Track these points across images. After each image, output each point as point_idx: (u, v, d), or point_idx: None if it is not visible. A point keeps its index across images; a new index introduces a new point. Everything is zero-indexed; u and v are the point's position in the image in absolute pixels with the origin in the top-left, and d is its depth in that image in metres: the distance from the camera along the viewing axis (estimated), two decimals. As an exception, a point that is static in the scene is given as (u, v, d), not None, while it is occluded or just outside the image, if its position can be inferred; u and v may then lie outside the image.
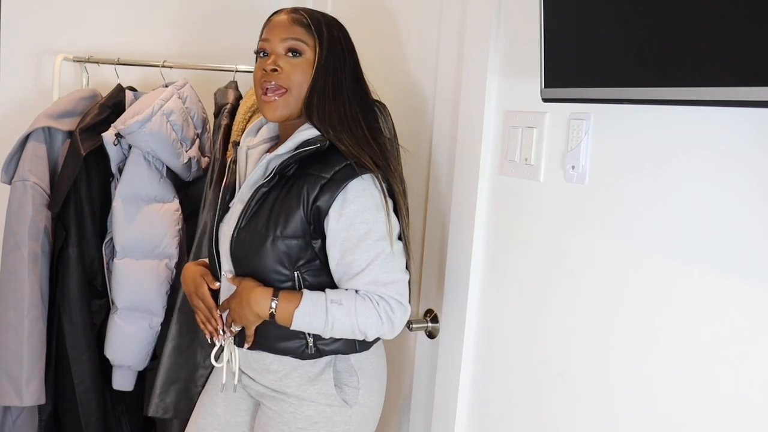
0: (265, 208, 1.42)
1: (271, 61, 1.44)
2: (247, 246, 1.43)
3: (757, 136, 0.97)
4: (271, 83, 1.43)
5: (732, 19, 0.84)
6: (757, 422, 0.97)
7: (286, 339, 1.44)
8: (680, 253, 1.08)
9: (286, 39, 1.44)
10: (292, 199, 1.40)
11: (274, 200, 1.42)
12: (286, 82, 1.43)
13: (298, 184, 1.40)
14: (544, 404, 1.35)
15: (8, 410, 2.06)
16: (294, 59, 1.44)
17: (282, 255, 1.40)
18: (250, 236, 1.42)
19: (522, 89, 1.40)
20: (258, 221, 1.42)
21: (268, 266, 1.41)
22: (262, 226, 1.41)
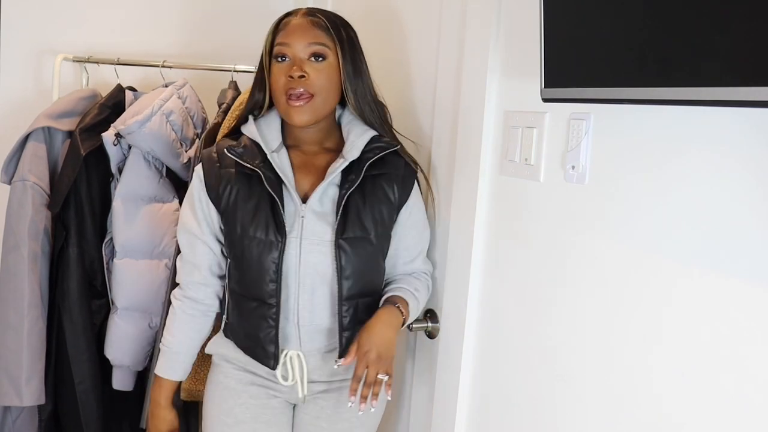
0: (352, 212, 1.47)
1: (297, 66, 1.43)
2: (353, 252, 1.46)
3: (757, 136, 0.97)
4: (299, 90, 1.43)
5: (732, 19, 0.84)
6: (758, 422, 0.97)
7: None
8: (680, 253, 1.08)
9: (310, 44, 1.45)
10: (381, 197, 1.51)
11: (359, 202, 1.48)
12: (312, 88, 1.44)
13: (379, 182, 1.51)
14: (544, 404, 1.35)
15: (8, 410, 2.06)
16: (318, 64, 1.45)
17: (379, 250, 1.52)
18: (355, 242, 1.47)
19: (522, 89, 1.40)
20: (353, 226, 1.47)
21: (372, 264, 1.52)
22: (359, 229, 1.47)
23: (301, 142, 1.53)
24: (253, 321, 1.50)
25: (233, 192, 1.48)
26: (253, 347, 1.52)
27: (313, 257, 1.47)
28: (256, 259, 1.45)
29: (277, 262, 1.45)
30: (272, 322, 1.48)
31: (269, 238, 1.45)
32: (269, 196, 1.46)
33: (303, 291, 1.48)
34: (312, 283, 1.48)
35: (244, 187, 1.48)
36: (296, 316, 1.49)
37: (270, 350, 1.50)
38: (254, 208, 1.47)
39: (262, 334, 1.49)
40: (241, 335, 1.54)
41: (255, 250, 1.45)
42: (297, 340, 1.52)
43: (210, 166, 1.52)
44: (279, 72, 1.45)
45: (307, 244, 1.46)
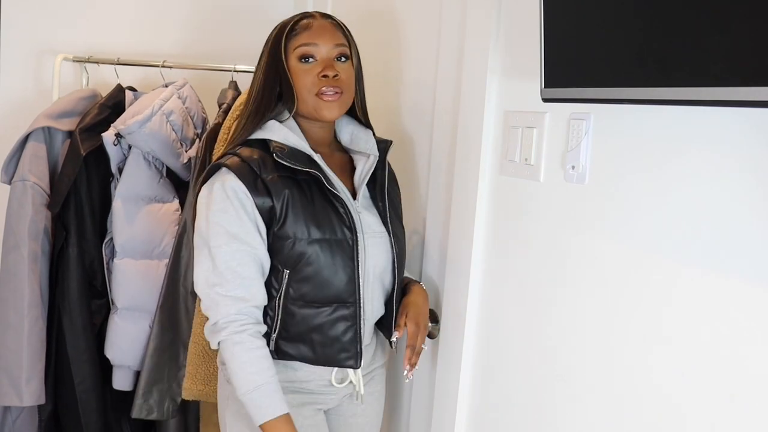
0: (389, 202, 1.56)
1: (329, 66, 1.46)
2: (400, 242, 1.57)
3: (757, 136, 0.97)
4: (333, 89, 1.46)
5: (732, 19, 0.84)
6: (758, 422, 0.97)
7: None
8: (680, 253, 1.08)
9: (337, 45, 1.49)
10: (396, 190, 1.64)
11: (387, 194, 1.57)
12: (343, 86, 1.48)
13: (388, 177, 1.58)
14: (544, 404, 1.35)
15: (8, 410, 2.06)
16: (343, 64, 1.49)
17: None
18: (399, 232, 1.58)
19: (522, 89, 1.40)
20: (392, 216, 1.56)
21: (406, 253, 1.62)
22: (397, 220, 1.59)
23: (319, 144, 1.54)
24: (328, 326, 1.46)
25: (288, 198, 1.42)
26: (331, 354, 1.47)
27: (374, 249, 1.51)
28: (331, 260, 1.44)
29: (353, 257, 1.46)
30: (353, 321, 1.48)
31: (339, 237, 1.45)
32: (327, 197, 1.45)
33: (367, 285, 1.50)
34: (374, 275, 1.52)
35: (299, 192, 1.43)
36: (363, 311, 1.50)
37: (352, 350, 1.49)
38: (317, 211, 1.44)
39: (343, 336, 1.47)
40: (310, 345, 1.47)
41: (327, 251, 1.44)
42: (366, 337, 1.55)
43: (251, 178, 1.41)
44: (306, 72, 1.46)
45: (368, 237, 1.50)
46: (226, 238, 1.39)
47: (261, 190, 1.40)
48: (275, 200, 1.41)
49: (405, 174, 1.73)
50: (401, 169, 1.72)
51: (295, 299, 1.45)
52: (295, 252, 1.42)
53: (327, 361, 1.49)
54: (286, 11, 2.35)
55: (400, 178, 1.68)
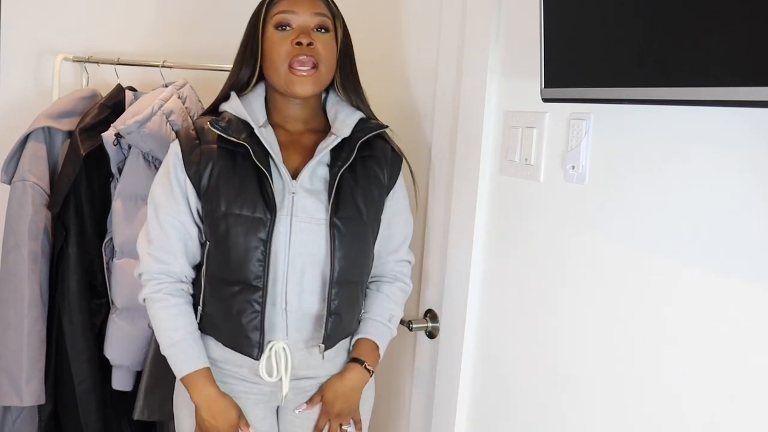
0: (345, 192, 1.43)
1: (305, 34, 1.39)
2: (348, 232, 1.41)
3: (757, 136, 0.97)
4: (305, 57, 1.38)
5: (732, 19, 0.84)
6: (758, 423, 0.97)
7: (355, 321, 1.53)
8: (680, 253, 1.08)
9: (317, 13, 1.42)
10: (373, 179, 1.47)
11: (351, 182, 1.44)
12: (318, 57, 1.40)
13: (369, 163, 1.48)
14: (544, 404, 1.35)
15: (8, 410, 2.06)
16: (323, 35, 1.42)
17: (371, 235, 1.49)
18: (349, 222, 1.42)
19: (522, 89, 1.40)
20: (347, 205, 1.42)
21: (364, 248, 1.47)
22: (353, 210, 1.43)
23: (288, 120, 1.48)
24: (235, 307, 1.40)
25: (216, 168, 1.40)
26: (234, 337, 1.42)
27: (305, 236, 1.40)
28: (242, 238, 1.37)
29: (266, 240, 1.37)
30: (257, 307, 1.39)
31: (257, 215, 1.37)
32: (256, 171, 1.39)
33: (292, 272, 1.41)
34: (302, 264, 1.41)
35: (228, 164, 1.40)
36: (284, 300, 1.42)
37: (254, 338, 1.40)
38: (240, 185, 1.39)
39: (245, 320, 1.39)
40: (221, 326, 1.44)
41: (241, 228, 1.37)
42: (284, 329, 1.44)
43: (188, 143, 1.43)
44: (281, 40, 1.39)
45: (298, 221, 1.40)
46: (160, 202, 1.45)
47: (195, 159, 1.42)
48: (204, 169, 1.41)
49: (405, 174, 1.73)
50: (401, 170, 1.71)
51: (211, 273, 1.44)
52: (213, 224, 1.40)
53: (234, 346, 1.43)
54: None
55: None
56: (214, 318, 1.46)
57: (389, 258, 1.57)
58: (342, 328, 1.48)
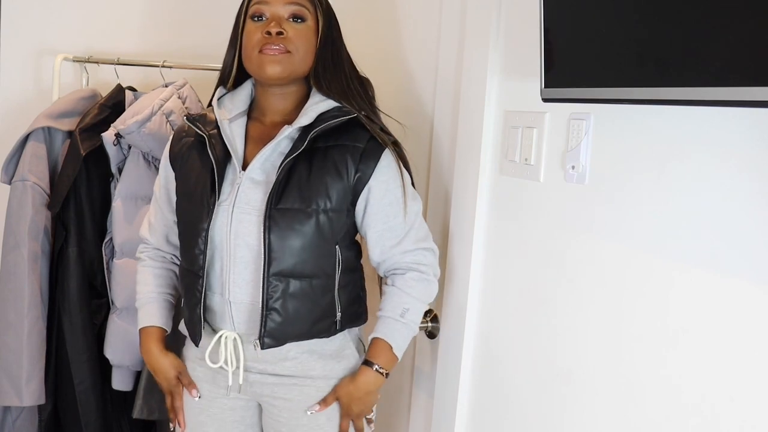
0: (293, 183, 1.38)
1: (275, 23, 1.39)
2: (287, 225, 1.36)
3: (757, 136, 0.97)
4: (276, 46, 1.38)
5: (732, 19, 0.84)
6: (758, 423, 0.97)
7: (319, 321, 1.43)
8: (680, 253, 1.08)
9: (290, 3, 1.41)
10: (329, 170, 1.39)
11: (304, 173, 1.38)
12: (290, 46, 1.40)
13: (331, 154, 1.40)
14: (544, 404, 1.35)
15: (8, 410, 2.06)
16: (297, 24, 1.42)
17: (325, 230, 1.39)
18: (290, 214, 1.36)
19: (522, 89, 1.40)
20: (291, 197, 1.37)
21: (312, 243, 1.38)
22: (299, 201, 1.37)
23: (266, 112, 1.48)
24: (186, 293, 1.47)
25: (186, 158, 1.49)
26: (187, 322, 1.49)
27: (243, 227, 1.39)
28: (190, 225, 1.43)
29: (206, 228, 1.38)
30: (198, 294, 1.41)
31: (202, 204, 1.40)
32: (211, 162, 1.42)
33: (233, 263, 1.40)
34: (243, 255, 1.39)
35: (196, 154, 1.46)
36: (227, 290, 1.41)
37: (197, 324, 1.43)
38: (197, 174, 1.43)
39: (190, 305, 1.45)
40: (183, 311, 1.51)
41: (189, 215, 1.43)
42: (230, 320, 1.43)
43: (178, 135, 1.55)
44: (254, 29, 1.41)
45: (239, 212, 1.39)
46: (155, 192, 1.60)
47: (177, 150, 1.52)
48: (178, 156, 1.51)
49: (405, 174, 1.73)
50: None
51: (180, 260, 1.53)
52: (178, 210, 1.51)
53: (188, 330, 1.50)
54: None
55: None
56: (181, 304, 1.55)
57: (394, 251, 1.46)
58: (293, 327, 1.41)
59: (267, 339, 1.40)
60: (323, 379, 1.46)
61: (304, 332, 1.43)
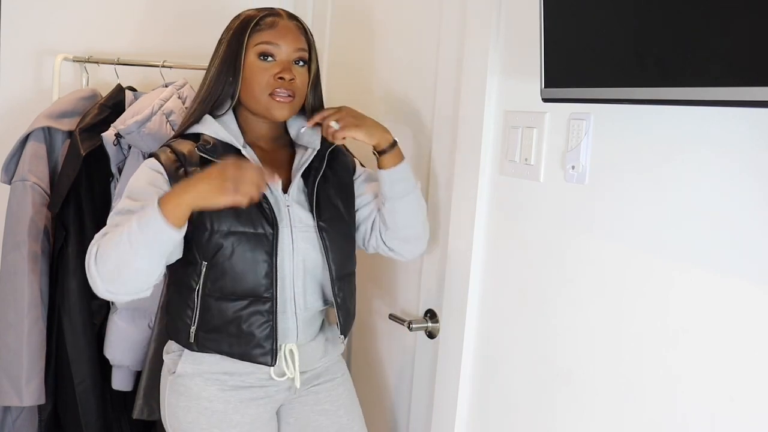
0: (322, 195, 1.54)
1: (287, 70, 1.47)
2: (334, 232, 1.52)
3: (757, 136, 0.97)
4: (287, 91, 1.47)
5: (732, 19, 0.84)
6: (758, 423, 0.97)
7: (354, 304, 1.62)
8: (680, 253, 1.08)
9: (299, 49, 1.50)
10: (339, 178, 1.59)
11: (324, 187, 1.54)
12: (297, 90, 1.49)
13: (334, 167, 1.58)
14: (543, 404, 1.35)
15: (8, 410, 2.06)
16: (300, 68, 1.51)
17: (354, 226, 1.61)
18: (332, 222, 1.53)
19: (522, 89, 1.40)
20: (327, 206, 1.54)
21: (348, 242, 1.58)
22: (333, 210, 1.54)
23: (261, 139, 1.56)
24: (244, 320, 1.45)
25: None
26: (245, 349, 1.46)
27: (303, 244, 1.50)
28: (249, 253, 1.43)
29: (271, 252, 1.45)
30: (269, 317, 1.46)
31: (259, 231, 1.44)
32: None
33: (297, 278, 1.50)
34: (304, 269, 1.51)
35: None
36: (293, 305, 1.51)
37: (267, 347, 1.47)
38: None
39: (258, 330, 1.46)
40: (228, 340, 1.47)
41: (245, 245, 1.43)
42: (295, 332, 1.52)
43: (171, 165, 1.44)
44: (264, 70, 1.47)
45: (298, 231, 1.50)
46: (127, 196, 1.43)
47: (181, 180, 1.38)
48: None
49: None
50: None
51: (212, 291, 1.46)
52: (212, 244, 1.43)
53: (242, 356, 1.47)
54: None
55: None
56: (217, 334, 1.48)
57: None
58: (350, 316, 1.60)
59: (344, 333, 1.58)
60: (336, 357, 1.66)
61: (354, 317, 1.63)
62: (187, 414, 1.50)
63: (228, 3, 2.45)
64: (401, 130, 1.65)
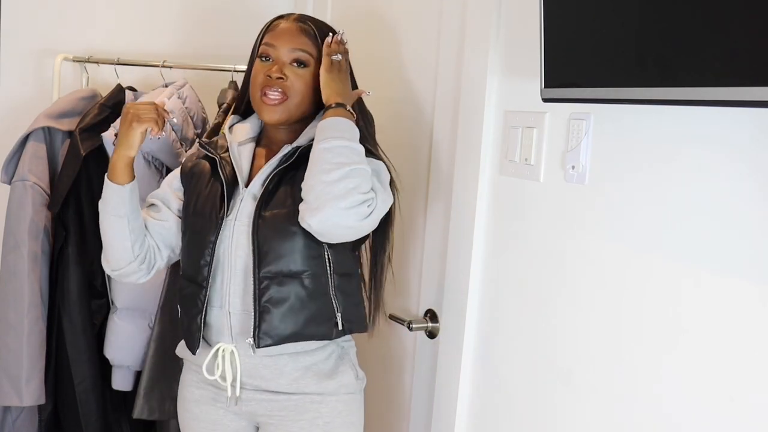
0: (281, 191, 1.46)
1: (276, 68, 1.47)
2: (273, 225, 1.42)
3: (758, 136, 0.97)
4: (274, 89, 1.46)
5: (732, 19, 0.84)
6: (757, 423, 0.97)
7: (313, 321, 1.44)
8: (681, 253, 1.08)
9: (294, 49, 1.48)
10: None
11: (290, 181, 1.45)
12: (288, 91, 1.47)
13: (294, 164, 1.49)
14: (543, 404, 1.35)
15: (8, 410, 2.06)
16: (299, 69, 1.49)
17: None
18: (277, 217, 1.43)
19: (522, 89, 1.40)
20: (278, 202, 1.44)
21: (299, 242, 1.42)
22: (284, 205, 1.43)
23: (273, 141, 1.56)
24: (188, 304, 1.50)
25: (198, 177, 1.55)
26: (185, 333, 1.52)
27: (242, 238, 1.45)
28: (198, 237, 1.49)
29: (213, 241, 1.46)
30: (200, 305, 1.47)
31: (210, 219, 1.47)
32: (221, 181, 1.49)
33: (234, 275, 1.45)
34: (244, 266, 1.45)
35: (207, 173, 1.54)
36: (227, 302, 1.46)
37: (197, 336, 1.47)
38: (207, 191, 1.51)
39: (191, 316, 1.49)
40: (182, 323, 1.54)
41: (198, 229, 1.49)
42: (228, 331, 1.46)
43: (190, 158, 1.62)
44: (260, 69, 1.49)
45: (239, 225, 1.46)
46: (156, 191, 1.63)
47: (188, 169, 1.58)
48: (190, 174, 1.57)
49: (405, 174, 1.73)
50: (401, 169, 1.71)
51: (182, 272, 1.56)
52: (184, 224, 1.55)
53: (186, 342, 1.53)
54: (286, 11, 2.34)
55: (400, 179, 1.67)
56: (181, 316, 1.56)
57: None
58: (284, 327, 1.43)
59: (262, 337, 1.42)
60: (318, 395, 1.47)
61: (297, 331, 1.44)
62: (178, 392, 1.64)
63: (228, 3, 2.45)
64: (401, 130, 1.65)
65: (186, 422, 1.59)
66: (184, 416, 1.59)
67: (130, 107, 1.45)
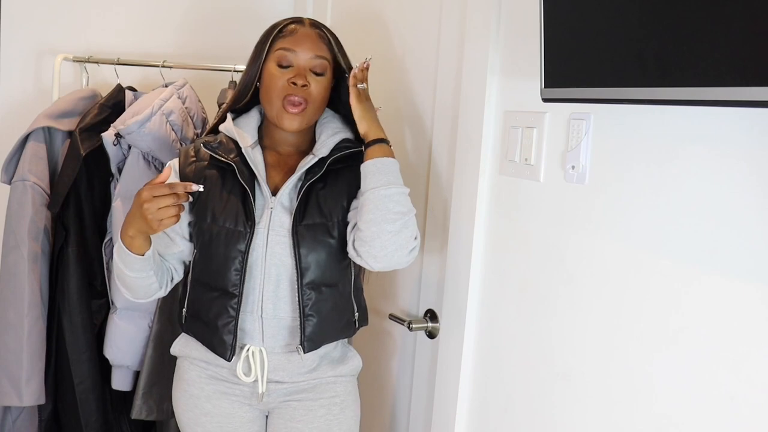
0: (312, 202, 1.50)
1: (301, 75, 1.48)
2: (312, 238, 1.48)
3: (757, 136, 0.97)
4: (298, 97, 1.48)
5: (732, 19, 0.84)
6: (757, 423, 0.97)
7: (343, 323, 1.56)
8: (680, 253, 1.08)
9: (316, 56, 1.51)
10: (343, 187, 1.53)
11: (321, 192, 1.50)
12: (310, 98, 1.49)
13: (343, 174, 1.53)
14: (544, 404, 1.35)
15: (8, 410, 2.06)
16: (317, 77, 1.51)
17: (343, 240, 1.51)
18: (314, 228, 1.48)
19: (522, 89, 1.40)
20: (313, 214, 1.49)
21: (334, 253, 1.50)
22: (319, 216, 1.49)
23: (278, 144, 1.57)
24: (213, 311, 1.50)
25: (206, 184, 1.52)
26: (210, 338, 1.52)
27: (279, 248, 1.49)
28: (223, 248, 1.48)
29: (244, 251, 1.47)
30: (233, 312, 1.49)
31: (237, 228, 1.48)
32: (241, 188, 1.50)
33: (268, 282, 1.49)
34: (277, 274, 1.49)
35: (218, 180, 1.52)
36: (260, 308, 1.50)
37: (228, 341, 1.49)
38: (226, 199, 1.50)
39: (221, 323, 1.49)
40: (200, 326, 1.54)
41: (223, 239, 1.48)
42: (260, 335, 1.51)
43: (185, 160, 1.57)
44: (280, 76, 1.49)
45: (274, 235, 1.49)
46: None
47: (188, 173, 1.54)
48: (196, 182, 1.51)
49: (405, 174, 1.73)
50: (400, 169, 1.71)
51: (195, 278, 1.55)
52: (199, 233, 1.52)
53: (210, 346, 1.53)
54: (286, 11, 2.35)
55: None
56: (196, 319, 1.56)
57: None
58: (324, 331, 1.52)
59: (307, 343, 1.50)
60: (333, 377, 1.58)
61: (334, 334, 1.56)
62: (176, 391, 1.62)
63: (228, 3, 2.45)
64: (401, 130, 1.65)
65: (194, 419, 1.58)
66: (193, 413, 1.58)
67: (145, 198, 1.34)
